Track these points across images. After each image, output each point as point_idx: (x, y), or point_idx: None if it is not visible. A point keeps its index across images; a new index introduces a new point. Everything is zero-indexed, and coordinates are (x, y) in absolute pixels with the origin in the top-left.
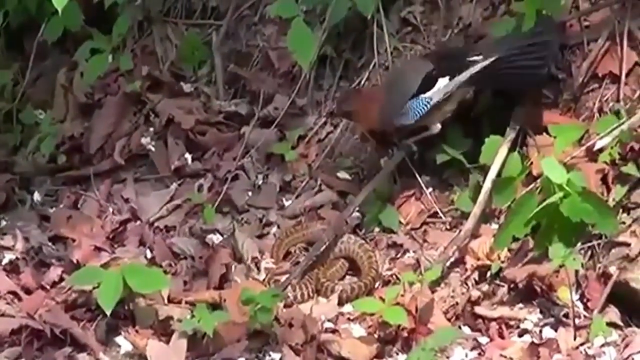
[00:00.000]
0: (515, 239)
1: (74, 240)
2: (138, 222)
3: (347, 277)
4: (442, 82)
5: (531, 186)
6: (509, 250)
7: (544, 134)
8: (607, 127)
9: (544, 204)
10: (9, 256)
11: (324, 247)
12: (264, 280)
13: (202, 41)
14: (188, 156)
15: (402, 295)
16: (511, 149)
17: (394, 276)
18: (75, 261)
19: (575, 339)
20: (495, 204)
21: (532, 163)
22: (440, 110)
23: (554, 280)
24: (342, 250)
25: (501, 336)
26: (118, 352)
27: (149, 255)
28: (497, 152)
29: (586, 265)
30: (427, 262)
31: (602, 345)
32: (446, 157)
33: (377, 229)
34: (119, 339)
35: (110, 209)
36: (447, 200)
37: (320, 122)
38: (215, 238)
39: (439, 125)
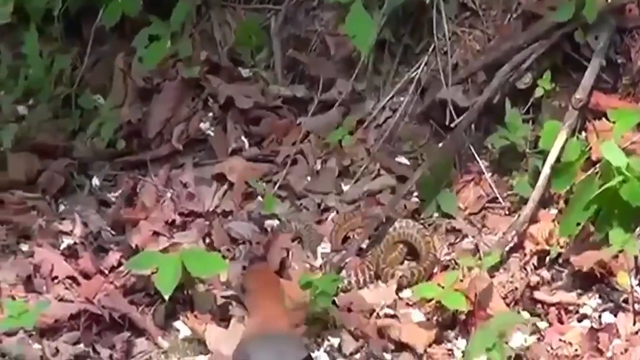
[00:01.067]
0: (577, 225)
1: (133, 225)
2: (196, 207)
3: (406, 262)
4: None
5: (590, 171)
6: (568, 235)
7: (603, 118)
8: None
9: (603, 188)
10: (67, 241)
11: (381, 227)
12: (320, 266)
13: (261, 26)
14: (246, 141)
15: (461, 281)
16: (570, 134)
17: (452, 261)
18: (134, 246)
19: (634, 324)
20: (554, 188)
21: (591, 148)
22: None
23: (614, 266)
24: (400, 234)
25: (560, 321)
26: (176, 337)
27: (207, 240)
28: (556, 137)
29: None
30: (486, 247)
31: None
32: (505, 142)
33: (435, 214)
34: (178, 324)
35: (169, 194)
36: (506, 185)
37: (378, 106)
38: (274, 223)
39: None
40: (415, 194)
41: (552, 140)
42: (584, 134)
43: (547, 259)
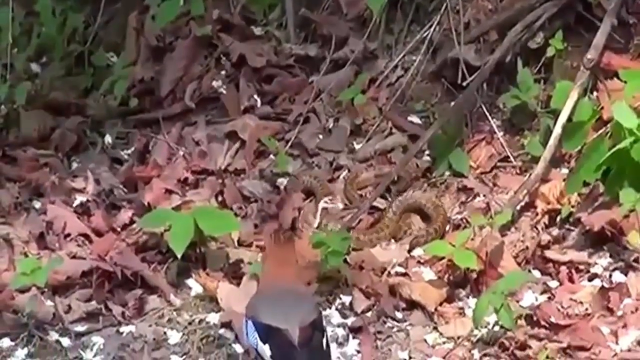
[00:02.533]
0: (586, 184)
1: (145, 183)
2: (208, 165)
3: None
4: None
5: (601, 131)
6: (579, 194)
7: (615, 78)
8: None
9: (615, 149)
10: (80, 198)
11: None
12: (319, 223)
13: None
14: (258, 99)
15: (472, 239)
16: (582, 94)
17: (464, 220)
18: (146, 204)
19: None
20: (565, 148)
21: (602, 108)
22: None
23: (624, 225)
24: (409, 204)
25: (571, 280)
26: (189, 295)
27: (219, 198)
28: (568, 96)
29: None
30: (497, 206)
31: None
32: (516, 102)
33: (447, 173)
34: (190, 282)
35: (181, 152)
36: (518, 144)
37: (391, 65)
38: (286, 181)
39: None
40: (427, 152)
41: (564, 100)
42: (595, 93)
43: (558, 218)
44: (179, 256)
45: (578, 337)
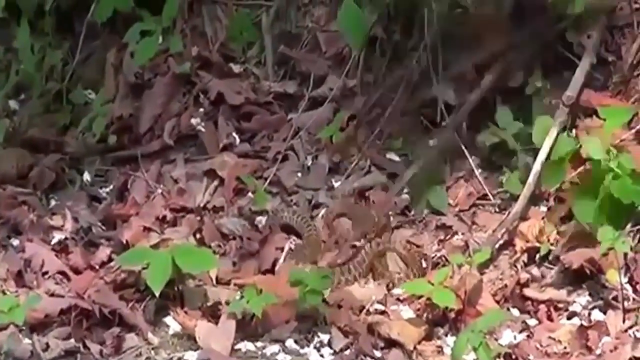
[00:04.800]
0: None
1: (123, 221)
2: (187, 203)
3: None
4: None
5: (580, 169)
6: (558, 232)
7: (594, 116)
8: None
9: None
10: (58, 236)
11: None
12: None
13: (252, 22)
14: (237, 137)
15: (451, 277)
16: (561, 131)
17: (442, 258)
18: (124, 241)
19: (624, 321)
20: (544, 186)
21: (581, 146)
22: None
23: (603, 263)
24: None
25: (550, 319)
26: (167, 333)
27: (198, 236)
28: (548, 133)
29: (635, 248)
30: (475, 244)
31: None
32: (495, 139)
33: (425, 211)
34: (168, 320)
35: (160, 190)
36: (497, 182)
37: (369, 103)
38: (264, 219)
39: None
40: (406, 190)
41: (544, 136)
42: (574, 131)
43: (537, 256)
44: (157, 294)
45: None
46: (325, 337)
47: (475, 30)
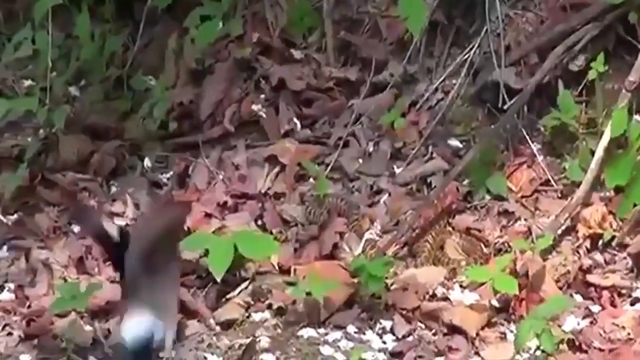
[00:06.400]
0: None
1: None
2: (248, 189)
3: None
4: None
5: None
6: (622, 219)
7: None
8: None
9: None
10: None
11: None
12: (363, 251)
13: (313, 7)
14: (298, 123)
15: (514, 263)
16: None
17: (505, 244)
18: (185, 228)
19: None
20: (608, 184)
21: None
22: None
23: None
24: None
25: (613, 305)
26: (228, 319)
27: (259, 222)
28: (611, 117)
29: None
30: (538, 230)
31: None
32: (557, 122)
33: (487, 197)
34: (230, 306)
35: (221, 176)
36: (559, 167)
37: (431, 89)
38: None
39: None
40: (467, 176)
41: (621, 128)
42: (638, 116)
43: (600, 242)
44: (218, 280)
45: None
46: (387, 324)
47: (537, 14)
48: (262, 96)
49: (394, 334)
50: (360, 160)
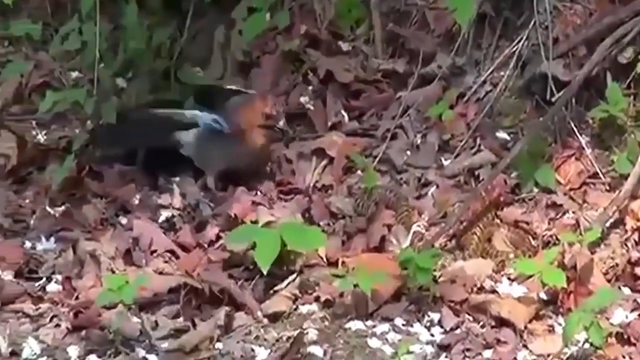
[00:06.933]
0: None
1: (231, 197)
2: (296, 181)
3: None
4: None
5: None
6: None
7: None
8: None
9: None
10: (165, 214)
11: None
12: (410, 244)
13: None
14: (345, 115)
15: (562, 256)
16: None
17: (553, 237)
18: (232, 215)
19: None
20: None
21: None
22: None
23: None
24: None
25: None
26: (276, 311)
27: (306, 215)
28: None
29: None
30: (586, 222)
31: None
32: (605, 115)
33: (535, 189)
34: (277, 298)
35: (268, 169)
36: (607, 160)
37: (479, 81)
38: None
39: None
40: (515, 168)
41: None
42: None
43: None
44: (265, 272)
45: None
46: (435, 316)
47: (585, 7)
48: (310, 88)
49: (441, 327)
50: (408, 153)
